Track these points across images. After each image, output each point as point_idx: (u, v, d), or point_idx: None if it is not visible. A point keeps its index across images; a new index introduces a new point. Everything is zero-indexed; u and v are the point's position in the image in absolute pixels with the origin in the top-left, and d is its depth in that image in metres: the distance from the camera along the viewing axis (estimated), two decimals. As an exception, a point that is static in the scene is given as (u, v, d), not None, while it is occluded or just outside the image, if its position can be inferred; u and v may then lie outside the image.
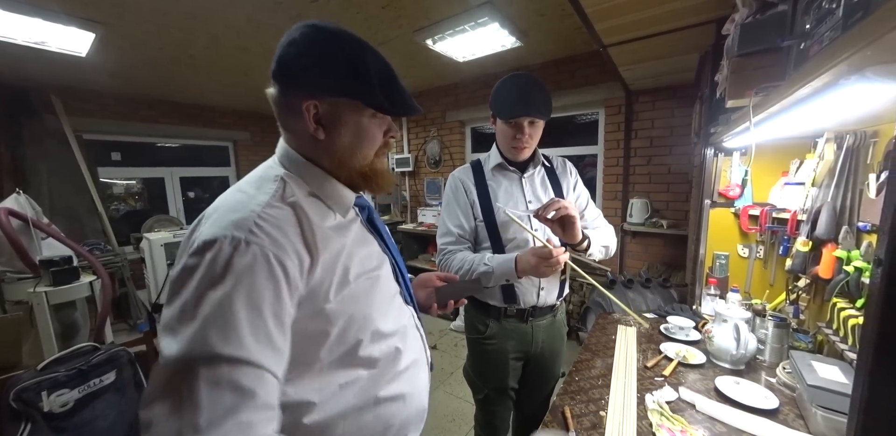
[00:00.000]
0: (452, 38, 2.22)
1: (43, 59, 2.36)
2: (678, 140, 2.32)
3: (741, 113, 0.74)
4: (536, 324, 1.14)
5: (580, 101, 2.68)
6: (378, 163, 0.60)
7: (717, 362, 1.08)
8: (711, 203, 1.47)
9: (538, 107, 1.01)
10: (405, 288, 0.68)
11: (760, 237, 1.34)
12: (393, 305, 0.63)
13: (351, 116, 0.54)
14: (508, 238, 1.08)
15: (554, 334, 1.19)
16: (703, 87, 1.77)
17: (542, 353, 1.17)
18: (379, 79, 0.53)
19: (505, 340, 1.14)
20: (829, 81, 0.40)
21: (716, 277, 1.42)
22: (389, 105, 0.54)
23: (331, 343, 0.52)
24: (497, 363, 1.16)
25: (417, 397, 0.64)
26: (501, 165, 1.12)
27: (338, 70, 0.51)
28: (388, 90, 0.53)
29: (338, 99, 0.52)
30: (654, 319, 1.45)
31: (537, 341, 1.15)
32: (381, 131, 0.58)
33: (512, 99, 1.01)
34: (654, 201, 2.42)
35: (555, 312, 1.17)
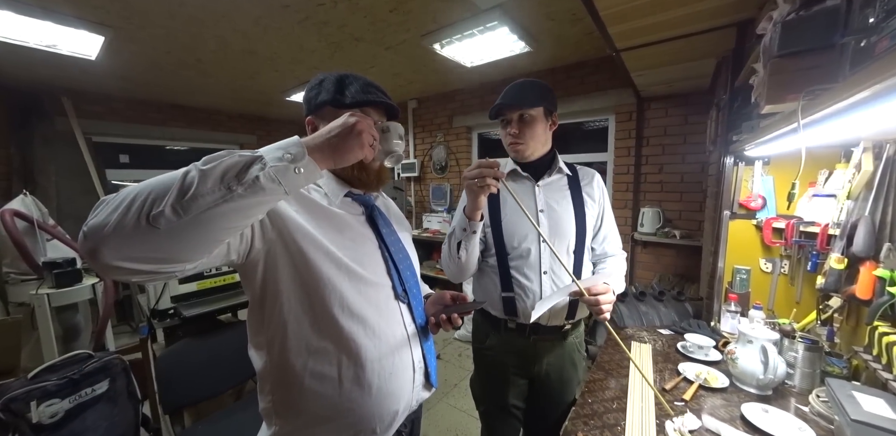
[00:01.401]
0: (460, 43, 2.20)
1: (54, 62, 2.38)
2: (692, 148, 2.25)
3: (774, 120, 0.69)
4: (541, 343, 1.06)
5: (590, 107, 2.63)
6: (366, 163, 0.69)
7: (742, 386, 1.00)
8: (731, 214, 1.40)
9: (523, 98, 0.96)
10: (398, 283, 0.71)
11: (786, 251, 1.27)
12: (370, 292, 0.67)
13: (327, 118, 0.66)
14: (513, 246, 1.02)
15: (563, 358, 1.08)
16: (720, 93, 1.71)
17: (549, 376, 1.08)
18: (338, 86, 0.67)
19: (504, 353, 1.07)
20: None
21: (736, 292, 1.34)
22: (339, 100, 0.66)
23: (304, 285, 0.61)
24: (497, 376, 1.10)
25: (390, 395, 0.66)
26: (514, 171, 1.07)
27: (318, 90, 0.69)
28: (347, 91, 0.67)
29: (319, 109, 0.68)
30: (670, 335, 1.38)
31: (541, 362, 1.07)
32: None
33: (503, 97, 0.99)
34: (667, 211, 2.35)
35: (564, 334, 1.08)
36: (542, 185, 1.06)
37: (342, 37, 2.19)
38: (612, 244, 1.11)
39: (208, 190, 0.41)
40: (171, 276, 0.45)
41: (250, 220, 0.49)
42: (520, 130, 0.99)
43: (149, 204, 0.39)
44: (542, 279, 1.01)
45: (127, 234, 0.39)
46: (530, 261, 1.01)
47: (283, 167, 0.44)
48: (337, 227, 0.67)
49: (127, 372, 1.37)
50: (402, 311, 0.72)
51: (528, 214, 0.83)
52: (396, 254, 0.74)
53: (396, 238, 0.77)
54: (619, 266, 1.09)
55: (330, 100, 0.66)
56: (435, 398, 2.11)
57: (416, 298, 0.76)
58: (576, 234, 1.03)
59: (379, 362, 0.66)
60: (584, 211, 1.05)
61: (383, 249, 0.72)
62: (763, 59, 0.65)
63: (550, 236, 1.02)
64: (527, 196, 1.06)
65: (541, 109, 0.99)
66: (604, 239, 1.10)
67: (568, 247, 1.03)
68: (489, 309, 1.08)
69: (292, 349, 0.62)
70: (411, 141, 3.89)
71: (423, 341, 0.75)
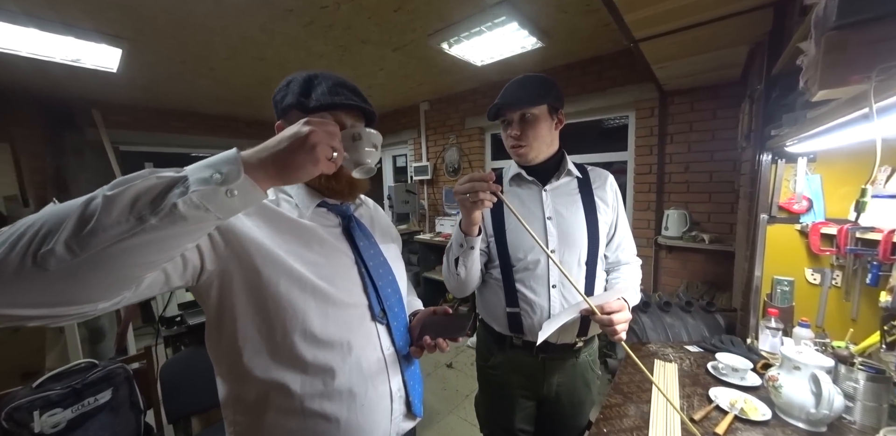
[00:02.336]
0: (468, 41, 2.12)
1: (80, 76, 2.48)
2: (721, 145, 2.07)
3: (828, 108, 0.57)
4: (549, 362, 0.96)
5: (608, 103, 2.49)
6: None
7: (788, 419, 0.86)
8: (769, 218, 1.24)
9: (523, 96, 0.87)
10: (376, 302, 0.64)
11: (837, 261, 1.10)
12: (341, 314, 0.60)
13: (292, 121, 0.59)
14: (518, 258, 0.93)
15: (575, 379, 0.99)
16: (753, 84, 1.55)
17: (559, 399, 0.99)
18: (304, 87, 0.61)
19: (510, 373, 0.98)
20: None
21: (777, 306, 1.19)
22: (304, 104, 0.60)
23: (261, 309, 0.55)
24: (502, 398, 1.00)
25: (360, 429, 0.60)
26: (519, 175, 0.98)
27: (285, 92, 0.63)
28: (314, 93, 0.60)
29: (287, 113, 0.63)
30: (700, 353, 1.23)
31: (550, 383, 0.97)
32: None
33: (502, 96, 0.90)
34: (694, 213, 2.17)
35: (576, 353, 0.98)
36: (550, 189, 0.96)
37: (349, 39, 2.16)
38: (627, 251, 1.01)
39: (113, 221, 0.33)
40: (82, 317, 0.37)
41: (176, 251, 0.40)
42: (522, 132, 0.90)
43: (38, 240, 0.32)
44: (551, 294, 0.91)
45: (7, 277, 0.31)
46: (537, 273, 0.91)
47: (211, 191, 0.36)
48: (305, 241, 0.60)
49: (130, 381, 1.37)
50: (380, 333, 0.65)
51: (528, 228, 0.73)
52: (375, 269, 0.67)
53: (377, 251, 0.70)
54: (635, 275, 0.99)
55: (295, 103, 0.60)
56: (445, 410, 2.03)
57: (399, 318, 0.68)
58: (588, 243, 0.93)
59: (349, 393, 0.59)
60: (596, 217, 0.94)
61: (360, 264, 0.65)
62: (815, 35, 0.53)
63: (560, 246, 0.92)
64: (533, 202, 0.96)
65: (544, 108, 0.89)
66: (618, 246, 1.00)
67: (579, 258, 0.93)
68: (493, 325, 0.99)
69: (250, 380, 0.55)
70: (423, 143, 3.84)
71: (404, 367, 0.67)
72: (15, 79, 2.68)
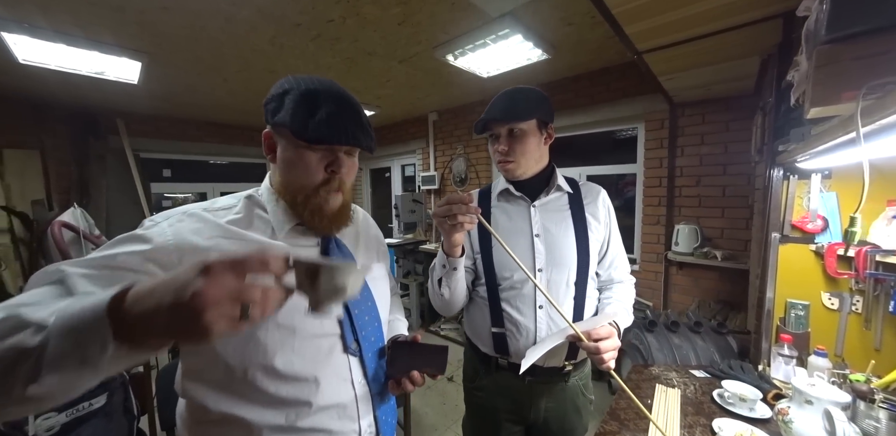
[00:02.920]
0: (473, 54, 2.13)
1: (104, 87, 2.62)
2: (734, 158, 2.00)
3: (829, 125, 0.53)
4: (537, 385, 0.91)
5: (617, 115, 2.45)
6: (317, 197, 0.58)
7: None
8: (782, 237, 1.17)
9: (511, 110, 0.83)
10: (350, 332, 0.60)
11: (857, 285, 1.03)
12: (307, 346, 0.56)
13: (283, 142, 0.58)
14: (504, 277, 0.89)
15: (564, 403, 0.94)
16: (765, 96, 1.50)
17: (548, 425, 0.94)
18: (307, 108, 0.54)
19: (495, 395, 0.93)
20: None
21: (791, 332, 1.11)
22: (300, 130, 0.54)
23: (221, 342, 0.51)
24: (488, 421, 0.96)
25: None
26: (507, 190, 0.95)
27: (279, 103, 0.57)
28: (311, 121, 0.54)
29: (278, 127, 0.58)
30: (706, 379, 1.16)
31: (538, 407, 0.92)
32: (319, 163, 0.57)
33: (490, 109, 0.87)
34: (706, 228, 2.08)
35: (565, 376, 0.93)
36: (539, 205, 0.93)
37: (355, 52, 2.20)
38: (620, 269, 0.97)
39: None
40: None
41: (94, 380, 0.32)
42: (509, 147, 0.86)
43: None
44: (538, 315, 0.87)
45: None
46: (524, 293, 0.88)
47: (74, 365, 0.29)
48: None
49: (126, 387, 1.38)
50: (352, 366, 0.60)
51: (509, 251, 0.71)
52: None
53: None
54: (628, 295, 0.94)
55: (289, 123, 0.54)
56: (443, 426, 1.97)
57: (374, 348, 0.64)
58: (577, 262, 0.88)
59: (312, 430, 0.55)
60: (587, 235, 0.90)
61: None
62: (806, 48, 0.50)
63: (547, 265, 0.89)
64: (521, 219, 0.93)
65: (533, 122, 0.86)
66: (610, 264, 0.96)
67: (568, 277, 0.88)
68: (478, 344, 0.95)
69: (207, 409, 0.53)
70: (431, 153, 3.86)
71: (377, 403, 0.62)
72: (46, 91, 2.84)
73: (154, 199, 3.83)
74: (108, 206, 3.57)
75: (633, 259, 2.43)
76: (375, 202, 5.23)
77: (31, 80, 2.54)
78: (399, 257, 3.42)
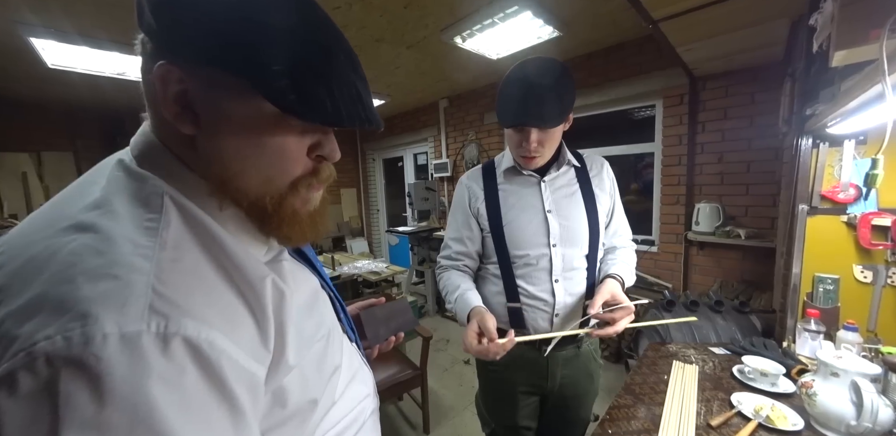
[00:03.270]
0: (482, 34, 2.08)
1: (126, 88, 2.72)
2: (760, 131, 1.89)
3: (860, 76, 0.49)
4: (553, 355, 0.92)
5: (633, 93, 2.35)
6: (294, 198, 0.36)
7: (824, 431, 0.77)
8: (810, 209, 1.11)
9: (546, 113, 0.77)
10: (347, 323, 0.53)
11: (893, 257, 0.97)
12: (344, 348, 0.48)
13: (237, 106, 0.32)
14: (517, 254, 0.89)
15: (578, 370, 0.96)
16: (795, 60, 1.40)
17: (563, 391, 0.96)
18: (293, 52, 0.31)
19: (512, 369, 0.95)
20: None
21: (818, 307, 1.07)
22: (298, 99, 0.31)
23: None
24: (504, 395, 0.98)
25: None
26: (514, 168, 0.93)
27: (219, 19, 0.29)
28: (303, 74, 0.31)
29: (214, 71, 0.31)
30: (725, 356, 1.13)
31: (554, 375, 0.94)
32: (299, 145, 0.35)
33: (514, 101, 0.79)
34: (729, 206, 2.00)
35: (579, 342, 0.95)
36: (549, 180, 0.92)
37: (363, 39, 2.20)
38: (623, 237, 1.00)
39: None
40: None
41: None
42: (539, 143, 0.82)
43: None
44: (555, 288, 0.88)
45: None
46: (539, 268, 0.88)
47: None
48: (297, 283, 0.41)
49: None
50: (360, 354, 0.54)
51: None
52: (331, 284, 0.52)
53: (321, 264, 0.54)
54: (630, 257, 0.97)
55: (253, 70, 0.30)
56: (460, 406, 2.01)
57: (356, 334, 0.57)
58: (589, 236, 0.89)
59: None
60: (595, 207, 0.90)
61: (325, 286, 0.49)
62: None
63: (562, 240, 0.88)
64: (532, 195, 0.91)
65: None
66: (614, 233, 0.98)
67: (581, 251, 0.89)
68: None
69: None
70: (443, 141, 3.84)
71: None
72: (74, 95, 2.99)
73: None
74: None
75: (652, 240, 2.37)
76: (389, 193, 5.27)
77: (61, 85, 2.67)
78: (414, 245, 3.46)
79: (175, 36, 0.30)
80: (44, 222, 0.30)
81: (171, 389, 0.24)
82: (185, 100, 0.31)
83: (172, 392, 0.24)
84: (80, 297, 0.24)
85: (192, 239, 0.31)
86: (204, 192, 0.34)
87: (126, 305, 0.24)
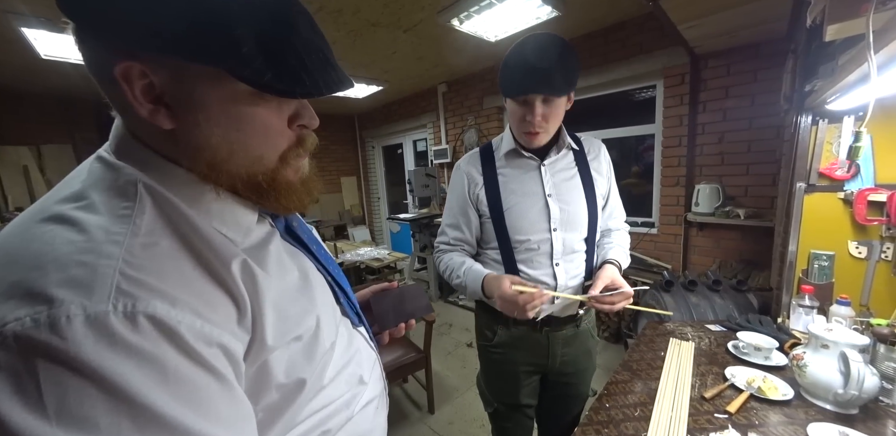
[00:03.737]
0: (479, 16, 2.03)
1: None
2: (762, 110, 1.87)
3: (854, 52, 0.49)
4: (553, 334, 0.95)
5: (633, 73, 2.31)
6: (286, 170, 0.38)
7: (814, 400, 0.80)
8: (807, 186, 1.12)
9: (552, 80, 0.76)
10: (349, 306, 0.51)
11: (888, 232, 0.98)
12: (342, 331, 0.48)
13: (211, 92, 0.32)
14: (519, 239, 0.89)
15: (577, 347, 0.99)
16: (798, 36, 1.37)
17: (563, 369, 0.99)
18: (257, 29, 0.30)
19: (514, 349, 0.98)
20: None
21: (812, 283, 1.09)
22: (274, 76, 0.31)
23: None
24: (506, 375, 1.01)
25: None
26: (515, 150, 0.92)
27: (177, 6, 0.28)
28: (273, 50, 0.31)
29: (179, 62, 0.30)
30: (721, 332, 1.16)
31: (555, 354, 0.97)
32: (280, 118, 0.36)
33: (520, 71, 0.78)
34: (729, 186, 1.99)
35: (577, 321, 0.97)
36: (549, 163, 0.91)
37: (359, 24, 2.15)
38: (618, 219, 1.02)
39: None
40: None
41: None
42: (544, 117, 0.80)
43: None
44: (556, 271, 0.90)
45: None
46: (540, 252, 0.89)
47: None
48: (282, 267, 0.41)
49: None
50: (365, 336, 0.53)
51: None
52: (334, 268, 0.51)
53: (321, 246, 0.53)
54: (625, 239, 1.01)
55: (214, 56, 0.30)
56: (464, 387, 2.08)
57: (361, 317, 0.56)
58: (588, 219, 0.90)
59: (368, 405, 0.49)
60: (594, 191, 0.91)
61: (322, 270, 0.48)
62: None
63: (562, 225, 0.89)
64: (532, 179, 0.91)
65: None
66: (609, 215, 1.00)
67: (581, 235, 0.91)
68: (493, 304, 0.99)
69: None
70: (442, 126, 3.80)
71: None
72: (69, 86, 2.96)
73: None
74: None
75: (651, 223, 2.38)
76: (389, 180, 5.26)
77: (56, 76, 2.64)
78: (415, 232, 3.49)
79: (129, 28, 0.29)
80: (27, 215, 0.31)
81: (145, 362, 0.26)
82: (153, 94, 0.31)
83: (147, 366, 0.26)
84: (48, 282, 0.25)
85: (166, 225, 0.32)
86: (182, 180, 0.35)
87: (93, 289, 0.26)
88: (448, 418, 1.83)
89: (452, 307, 3.23)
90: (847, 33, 0.47)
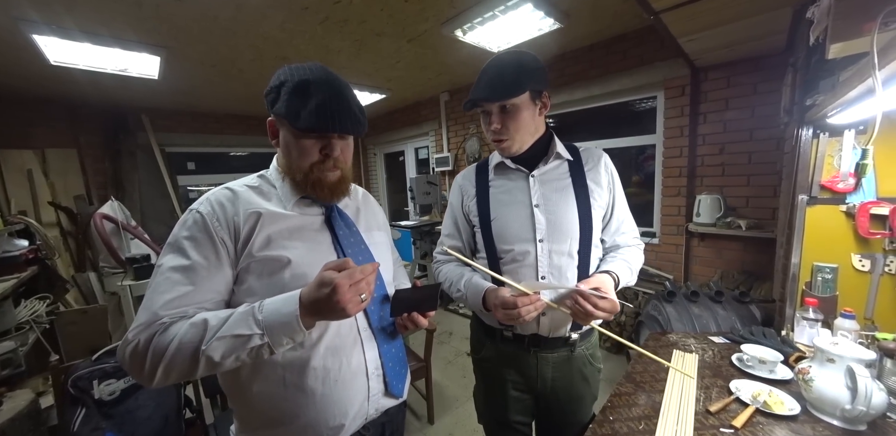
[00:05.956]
0: (483, 27, 2.07)
1: (129, 85, 2.73)
2: (762, 122, 1.89)
3: (857, 67, 0.50)
4: (542, 355, 0.91)
5: (634, 84, 2.34)
6: (317, 174, 0.66)
7: (820, 415, 0.79)
8: (809, 199, 1.12)
9: (500, 86, 0.79)
10: None
11: (891, 245, 0.98)
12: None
13: (283, 130, 0.66)
14: (504, 249, 0.89)
15: (571, 373, 0.93)
16: (798, 51, 1.40)
17: (556, 394, 0.94)
18: (299, 99, 0.60)
19: (502, 366, 0.96)
20: None
21: (816, 296, 1.08)
22: (309, 126, 0.61)
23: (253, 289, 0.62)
24: (496, 391, 0.99)
25: (335, 402, 0.64)
26: (503, 163, 0.92)
27: (276, 94, 0.63)
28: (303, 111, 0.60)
29: (277, 117, 0.65)
30: (725, 344, 1.15)
31: (544, 378, 0.92)
32: (314, 147, 0.65)
33: (475, 85, 0.83)
34: (729, 197, 2.00)
35: (571, 346, 0.92)
36: (538, 175, 0.90)
37: (364, 33, 2.19)
38: (628, 235, 0.95)
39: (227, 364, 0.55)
40: None
41: None
42: (502, 125, 0.82)
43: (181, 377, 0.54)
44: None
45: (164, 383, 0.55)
46: (526, 264, 0.87)
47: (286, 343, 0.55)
48: (286, 231, 0.66)
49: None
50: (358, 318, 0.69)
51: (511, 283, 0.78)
52: (355, 256, 0.71)
53: (359, 239, 0.75)
54: (634, 256, 0.92)
55: (285, 114, 0.61)
56: (463, 397, 2.05)
57: (375, 299, 0.72)
58: (580, 232, 0.86)
59: (323, 369, 0.63)
60: (588, 203, 0.87)
61: (339, 251, 0.70)
62: (827, -21, 0.46)
63: (549, 235, 0.87)
64: (519, 190, 0.90)
65: (525, 95, 0.81)
66: (616, 230, 0.93)
67: (570, 247, 0.86)
68: (482, 316, 0.97)
69: None
70: (444, 134, 3.83)
71: (381, 345, 0.71)
72: (77, 92, 2.99)
73: (181, 191, 4.03)
74: (141, 199, 3.78)
75: (653, 232, 2.38)
76: (391, 187, 5.28)
77: (64, 82, 2.68)
78: (416, 239, 3.49)
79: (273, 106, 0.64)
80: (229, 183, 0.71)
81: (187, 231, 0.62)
82: (274, 131, 0.69)
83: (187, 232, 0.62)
84: (204, 200, 0.65)
85: (258, 187, 0.70)
86: (280, 175, 0.71)
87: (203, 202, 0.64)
88: (448, 430, 1.80)
89: (453, 315, 3.20)
90: (850, 52, 0.48)
